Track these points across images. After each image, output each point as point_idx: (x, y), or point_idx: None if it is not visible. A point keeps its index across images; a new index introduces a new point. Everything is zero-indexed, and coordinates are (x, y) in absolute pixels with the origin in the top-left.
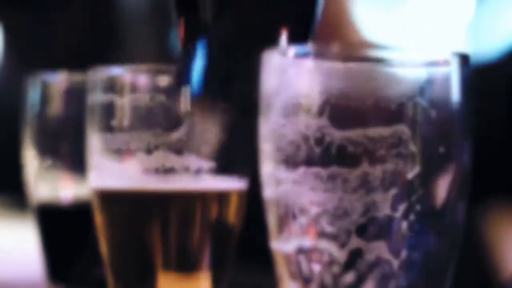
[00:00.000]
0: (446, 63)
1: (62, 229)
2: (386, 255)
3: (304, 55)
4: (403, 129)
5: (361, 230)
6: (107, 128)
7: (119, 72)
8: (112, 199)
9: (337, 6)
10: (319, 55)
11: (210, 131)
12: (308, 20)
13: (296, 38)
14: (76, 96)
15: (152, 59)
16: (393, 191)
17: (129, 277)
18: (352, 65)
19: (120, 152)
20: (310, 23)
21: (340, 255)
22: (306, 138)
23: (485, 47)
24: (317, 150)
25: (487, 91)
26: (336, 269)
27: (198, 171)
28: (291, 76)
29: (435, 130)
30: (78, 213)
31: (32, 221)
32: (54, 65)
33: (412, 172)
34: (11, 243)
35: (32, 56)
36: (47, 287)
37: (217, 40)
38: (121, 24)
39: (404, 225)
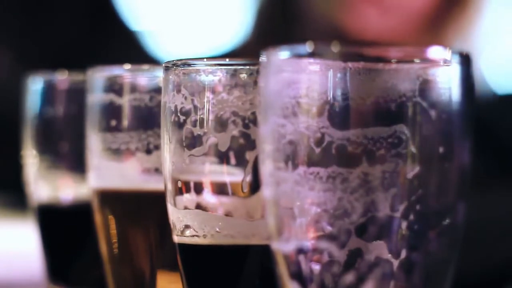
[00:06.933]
0: (446, 62)
1: (62, 229)
2: (386, 255)
3: (304, 55)
4: (403, 129)
5: (361, 230)
6: (107, 128)
7: (119, 72)
8: (112, 199)
9: None
10: (319, 55)
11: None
12: None
13: None
14: (76, 96)
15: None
16: (393, 191)
17: (129, 277)
18: (352, 65)
19: (120, 152)
20: None
21: (340, 255)
22: (306, 138)
23: None
24: (317, 150)
25: None
26: (336, 269)
27: None
28: (291, 76)
29: (435, 130)
30: (78, 213)
31: (32, 221)
32: (54, 65)
33: (412, 172)
34: (11, 243)
35: (32, 56)
36: (47, 287)
37: None
38: (121, 24)
39: (404, 225)
